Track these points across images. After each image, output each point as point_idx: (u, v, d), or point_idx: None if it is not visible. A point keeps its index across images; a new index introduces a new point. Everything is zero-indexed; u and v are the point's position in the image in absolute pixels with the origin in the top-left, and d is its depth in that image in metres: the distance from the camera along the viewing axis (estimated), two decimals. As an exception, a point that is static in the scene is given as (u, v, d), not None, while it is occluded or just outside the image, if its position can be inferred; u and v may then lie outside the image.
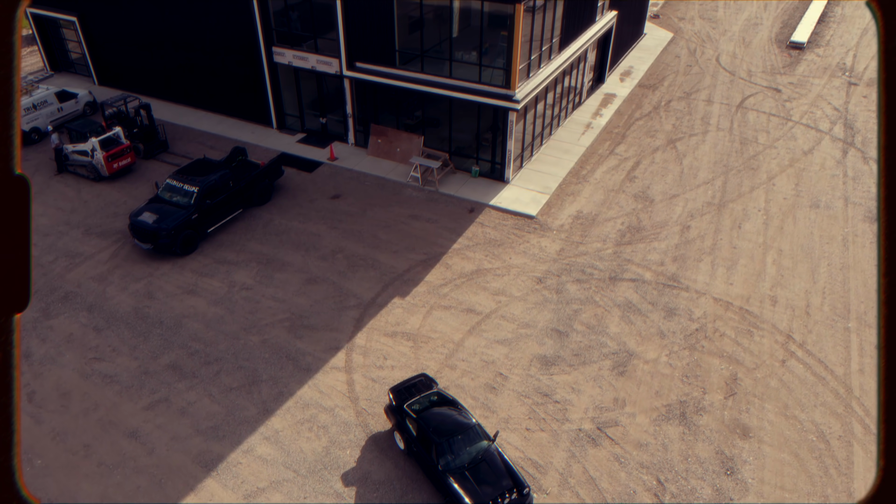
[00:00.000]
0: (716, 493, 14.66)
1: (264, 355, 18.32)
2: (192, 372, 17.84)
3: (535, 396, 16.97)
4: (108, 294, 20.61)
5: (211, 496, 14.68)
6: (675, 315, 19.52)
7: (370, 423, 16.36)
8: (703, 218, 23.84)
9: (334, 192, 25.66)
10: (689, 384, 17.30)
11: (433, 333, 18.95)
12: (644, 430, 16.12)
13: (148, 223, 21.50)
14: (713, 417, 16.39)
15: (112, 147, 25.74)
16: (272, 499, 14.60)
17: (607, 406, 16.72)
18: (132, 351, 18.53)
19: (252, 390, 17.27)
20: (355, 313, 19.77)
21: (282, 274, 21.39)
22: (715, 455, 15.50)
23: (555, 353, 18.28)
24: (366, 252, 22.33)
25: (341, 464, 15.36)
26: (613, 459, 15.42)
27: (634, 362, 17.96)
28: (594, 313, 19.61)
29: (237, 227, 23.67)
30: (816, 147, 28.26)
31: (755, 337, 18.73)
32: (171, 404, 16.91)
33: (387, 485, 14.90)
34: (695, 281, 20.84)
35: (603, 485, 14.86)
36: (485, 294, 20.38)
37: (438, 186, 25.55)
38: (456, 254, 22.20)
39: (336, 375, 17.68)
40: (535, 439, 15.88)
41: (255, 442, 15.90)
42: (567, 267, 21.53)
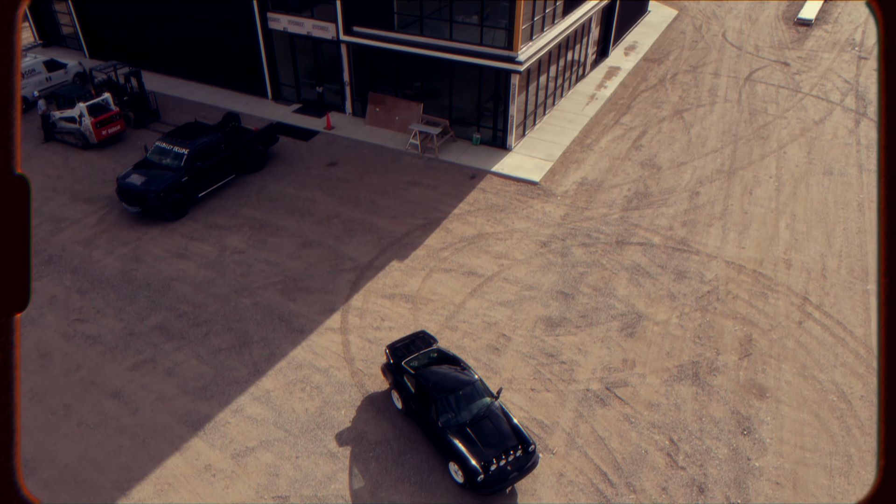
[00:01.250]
0: (732, 454, 13.82)
1: (256, 317, 17.48)
2: (180, 333, 16.99)
3: (539, 357, 16.13)
4: (94, 258, 19.76)
5: (197, 455, 13.83)
6: (685, 278, 18.69)
7: (366, 383, 15.51)
8: (713, 184, 23.01)
9: (330, 160, 24.82)
10: (702, 345, 16.46)
11: (433, 295, 18.11)
12: (655, 390, 15.28)
13: (136, 185, 20.65)
14: (727, 378, 15.55)
15: (101, 113, 24.89)
16: (262, 458, 13.75)
17: (616, 367, 15.88)
18: (117, 313, 17.68)
19: (242, 351, 16.42)
20: (351, 276, 18.93)
21: (275, 238, 20.55)
22: (730, 415, 14.66)
23: (560, 314, 17.44)
24: (363, 217, 21.50)
25: (335, 424, 14.51)
26: (623, 419, 14.58)
27: (644, 324, 17.12)
28: (601, 276, 18.78)
29: (229, 194, 22.83)
30: (828, 117, 27.43)
31: (770, 299, 17.89)
32: (157, 365, 16.06)
33: (383, 444, 14.06)
34: (705, 245, 20.01)
35: (612, 445, 14.02)
36: (486, 257, 19.54)
37: (438, 154, 24.71)
38: (456, 218, 21.36)
39: (331, 336, 16.84)
40: (540, 399, 15.04)
41: (245, 402, 15.05)
42: (572, 231, 20.69)
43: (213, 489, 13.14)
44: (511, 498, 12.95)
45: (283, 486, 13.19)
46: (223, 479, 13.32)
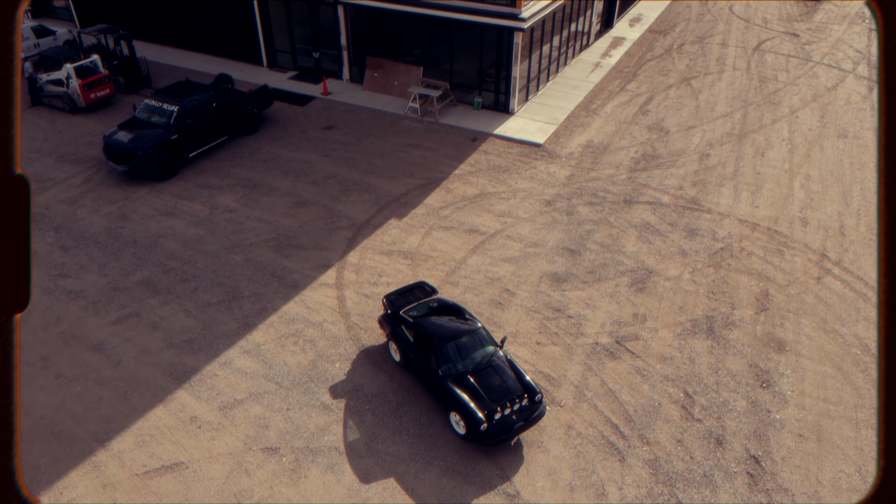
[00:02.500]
0: (751, 406, 12.98)
1: (247, 273, 16.63)
2: (167, 288, 16.15)
3: (545, 311, 15.30)
4: (79, 216, 18.91)
5: (182, 407, 12.98)
6: (696, 235, 17.85)
7: (362, 337, 14.68)
8: (723, 147, 22.18)
9: (327, 124, 23.98)
10: (716, 300, 15.62)
11: (433, 252, 17.27)
12: (668, 343, 14.45)
13: (123, 142, 19.80)
14: (744, 332, 14.72)
15: (89, 76, 24.03)
16: (251, 410, 12.91)
17: (626, 321, 15.05)
18: (101, 269, 16.83)
19: (232, 306, 15.58)
20: (348, 233, 18.09)
21: (269, 198, 19.71)
22: (748, 368, 13.83)
23: (566, 270, 16.60)
24: (360, 177, 20.66)
25: (329, 377, 13.67)
26: (635, 372, 13.75)
27: (654, 279, 16.29)
28: (608, 233, 17.94)
29: (221, 155, 21.99)
30: (840, 84, 26.60)
31: (786, 256, 17.06)
32: (142, 319, 15.22)
33: (380, 397, 13.22)
34: (717, 204, 19.18)
35: (624, 397, 13.18)
36: (489, 216, 18.71)
37: (438, 117, 23.87)
38: (457, 179, 20.52)
39: (325, 291, 16.00)
40: (546, 353, 14.20)
41: (234, 355, 14.21)
42: (578, 191, 19.86)
43: (199, 441, 12.30)
44: (516, 450, 12.11)
45: (273, 438, 12.35)
46: (209, 431, 12.48)
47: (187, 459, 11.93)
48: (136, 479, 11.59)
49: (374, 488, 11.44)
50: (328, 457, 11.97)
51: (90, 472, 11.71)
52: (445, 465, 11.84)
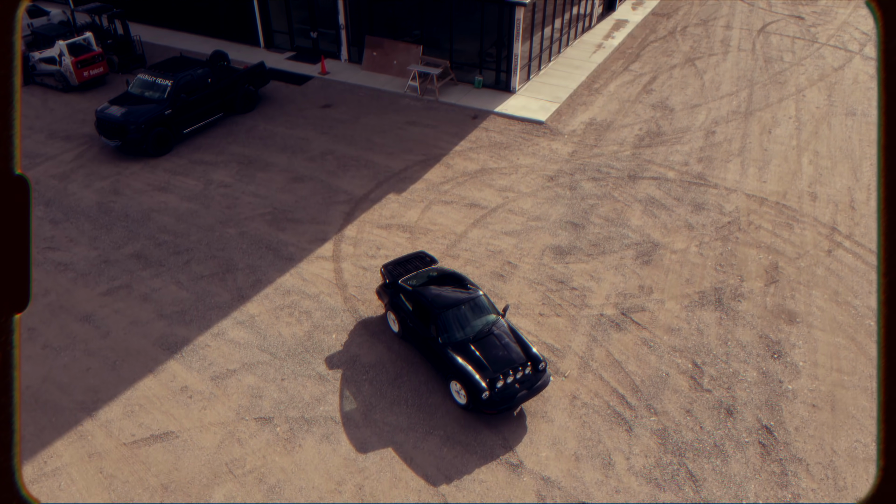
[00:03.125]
0: (762, 376, 12.53)
1: (241, 246, 16.18)
2: (159, 261, 15.69)
3: (548, 283, 14.84)
4: (70, 190, 18.44)
5: (173, 377, 12.53)
6: (703, 209, 17.40)
7: (360, 308, 14.22)
8: (729, 124, 21.72)
9: (325, 103, 23.52)
10: (724, 272, 15.17)
11: (432, 226, 16.82)
12: (675, 315, 14.00)
13: (115, 116, 19.34)
14: (753, 304, 14.27)
15: (82, 53, 23.56)
16: (244, 380, 12.46)
17: (632, 293, 14.59)
18: (92, 241, 16.37)
19: (226, 278, 15.12)
20: (345, 208, 17.64)
21: (264, 173, 19.25)
22: (758, 339, 13.38)
23: (570, 243, 16.15)
24: (358, 154, 20.20)
25: (325, 347, 13.22)
26: (641, 343, 13.30)
27: (660, 252, 15.84)
28: (613, 208, 17.49)
29: (217, 132, 21.53)
30: (847, 64, 26.14)
31: (795, 229, 16.60)
32: (133, 290, 14.77)
33: (378, 367, 12.76)
34: (724, 179, 18.72)
35: (630, 368, 12.73)
36: (490, 190, 18.25)
37: (438, 96, 23.41)
38: (457, 155, 20.07)
39: (322, 264, 15.54)
40: (550, 324, 13.75)
41: (227, 326, 13.75)
42: (581, 166, 19.41)
43: (189, 410, 11.84)
44: (519, 420, 11.66)
45: (267, 408, 11.90)
46: (200, 401, 12.02)
47: (177, 429, 11.48)
48: (124, 448, 11.14)
49: (371, 458, 10.99)
50: (324, 427, 11.53)
51: (76, 441, 11.25)
52: (445, 435, 11.39)
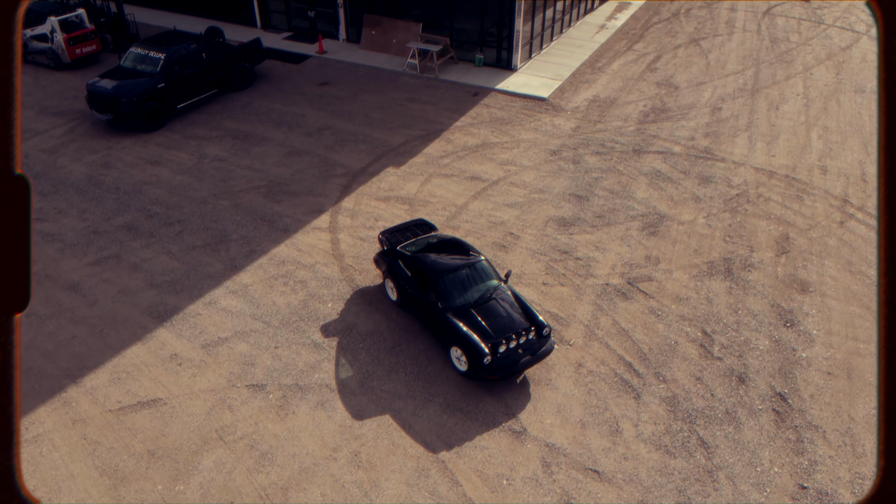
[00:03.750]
0: (775, 345, 12.05)
1: (235, 217, 15.70)
2: (150, 232, 15.21)
3: (552, 254, 14.37)
4: (59, 164, 17.96)
5: (162, 345, 12.04)
6: (710, 182, 16.92)
7: (357, 278, 13.74)
8: (736, 101, 21.25)
9: (322, 80, 23.05)
10: (733, 243, 14.69)
11: (432, 198, 16.34)
12: (683, 285, 13.51)
13: (106, 89, 18.85)
14: (764, 274, 13.79)
15: (74, 30, 23.08)
16: (236, 349, 11.97)
17: (638, 263, 14.12)
18: (81, 213, 15.89)
19: (219, 248, 14.64)
20: (342, 181, 17.16)
21: (260, 148, 18.76)
22: (770, 308, 12.90)
23: (574, 214, 15.67)
24: (356, 129, 19.72)
25: (321, 316, 12.73)
26: (649, 312, 12.82)
27: (667, 223, 15.36)
28: (617, 180, 17.01)
29: (212, 108, 21.05)
30: (855, 44, 25.67)
31: (806, 201, 16.13)
32: (122, 260, 14.28)
33: (375, 336, 12.28)
34: (731, 153, 18.24)
35: (637, 336, 12.25)
36: (491, 164, 17.77)
37: (438, 73, 22.93)
38: (458, 130, 19.59)
39: (318, 235, 15.07)
40: (554, 294, 13.27)
41: (219, 295, 13.27)
42: (584, 141, 18.93)
43: (179, 377, 11.35)
44: (522, 388, 11.18)
45: (260, 375, 11.41)
46: (190, 368, 11.54)
47: (166, 396, 11.00)
48: (110, 414, 10.65)
49: (367, 425, 10.51)
50: (318, 394, 11.04)
51: (59, 407, 10.76)
52: (445, 403, 10.90)
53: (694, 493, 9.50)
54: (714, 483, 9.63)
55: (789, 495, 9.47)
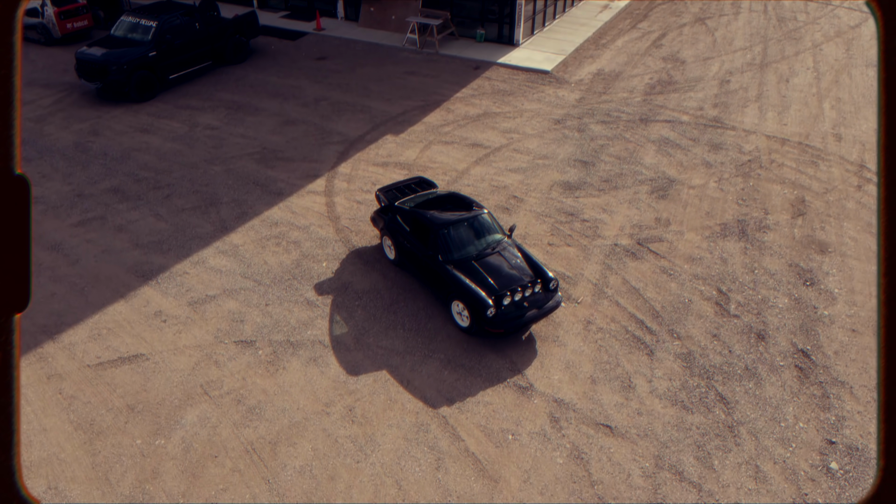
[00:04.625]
0: (794, 303, 11.39)
1: (227, 182, 15.06)
2: (137, 195, 14.57)
3: (557, 216, 13.73)
4: (46, 132, 17.32)
5: (146, 303, 11.37)
6: (721, 149, 16.31)
7: (353, 239, 13.09)
8: (744, 74, 20.67)
9: (320, 55, 22.47)
10: (747, 206, 14.06)
11: (432, 164, 15.71)
12: (696, 245, 12.87)
13: (96, 56, 18.26)
14: (780, 235, 13.15)
15: (65, 4, 22.52)
16: (225, 306, 11.30)
17: (648, 225, 13.47)
18: (66, 178, 15.25)
19: (209, 211, 13.99)
20: (339, 147, 16.54)
21: (254, 117, 18.15)
22: (788, 268, 12.25)
23: (580, 179, 15.05)
24: (354, 100, 19.12)
25: (315, 275, 12.08)
26: (660, 272, 12.16)
27: (677, 187, 14.73)
28: (624, 147, 16.39)
29: (205, 80, 20.45)
30: (864, 23, 25.13)
31: (821, 167, 15.51)
32: (107, 222, 13.63)
33: (372, 294, 11.62)
34: (741, 122, 17.64)
35: (649, 294, 11.59)
36: (493, 132, 17.16)
37: (438, 48, 22.36)
38: (459, 101, 18.99)
39: (313, 198, 14.43)
40: (560, 253, 12.62)
41: (208, 255, 12.61)
42: (589, 111, 18.33)
43: (163, 334, 10.68)
44: (528, 344, 10.51)
45: (249, 332, 10.74)
46: (175, 325, 10.86)
47: (148, 352, 10.32)
48: (88, 370, 9.97)
49: (363, 380, 9.83)
50: (311, 350, 10.37)
51: (35, 363, 10.08)
52: (446, 359, 10.23)
53: (714, 448, 8.82)
54: (735, 438, 8.96)
55: (817, 450, 8.79)
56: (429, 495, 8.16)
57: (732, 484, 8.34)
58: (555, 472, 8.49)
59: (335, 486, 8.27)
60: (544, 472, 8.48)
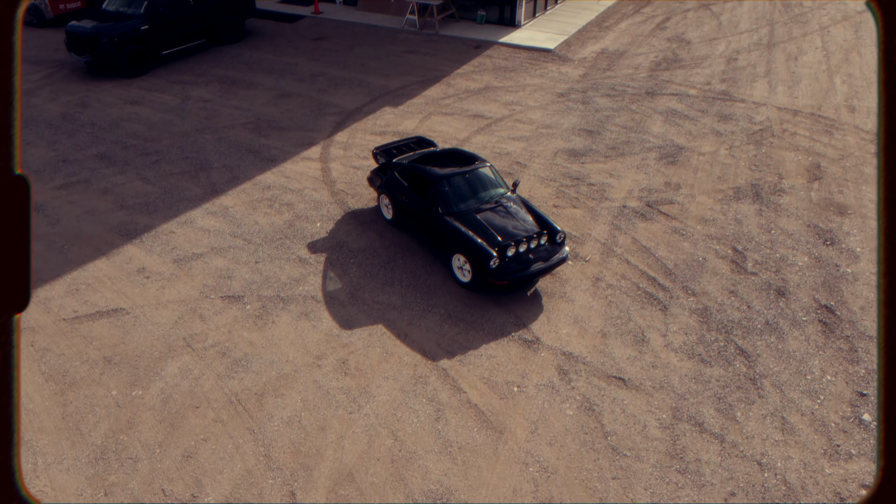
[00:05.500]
0: (815, 261, 10.77)
1: (219, 149, 14.49)
2: (125, 161, 13.98)
3: (562, 180, 13.14)
4: (33, 103, 16.78)
5: (129, 259, 10.75)
6: (731, 119, 15.76)
7: (348, 201, 12.50)
8: (752, 53, 20.18)
9: (317, 36, 22.00)
10: (760, 171, 13.48)
11: (433, 133, 15.14)
12: (708, 208, 12.27)
13: (86, 28, 17.75)
14: (797, 198, 12.55)
15: (59, -16, 22.08)
16: (212, 263, 10.67)
17: (657, 188, 12.88)
18: (51, 145, 14.67)
19: (198, 175, 13.40)
20: (336, 118, 15.99)
21: (249, 91, 17.62)
22: (806, 228, 11.64)
23: (585, 146, 14.48)
24: (352, 76, 18.60)
25: (308, 235, 11.46)
26: (671, 232, 11.55)
27: (686, 154, 14.16)
28: (631, 117, 15.85)
29: (199, 58, 19.95)
30: (870, 8, 24.69)
31: (835, 136, 14.95)
32: (92, 185, 13.04)
33: (368, 252, 11.00)
34: (750, 95, 17.11)
35: (661, 253, 10.97)
36: (495, 104, 16.62)
37: (438, 29, 21.90)
38: (459, 76, 18.48)
39: (308, 164, 13.85)
40: (566, 215, 12.01)
41: (197, 215, 12.00)
42: (594, 85, 17.81)
43: (145, 290, 10.04)
44: (533, 300, 9.87)
45: (237, 287, 10.10)
46: (159, 281, 10.23)
47: (129, 306, 9.68)
48: (64, 323, 9.32)
49: (357, 334, 9.19)
50: (302, 305, 9.73)
51: (6, 316, 9.41)
52: (447, 314, 9.59)
53: (735, 400, 8.16)
54: (758, 390, 8.29)
55: (847, 402, 8.13)
56: (428, 446, 7.49)
57: (758, 435, 7.67)
58: (564, 423, 7.82)
59: (326, 436, 7.60)
60: (553, 423, 7.82)
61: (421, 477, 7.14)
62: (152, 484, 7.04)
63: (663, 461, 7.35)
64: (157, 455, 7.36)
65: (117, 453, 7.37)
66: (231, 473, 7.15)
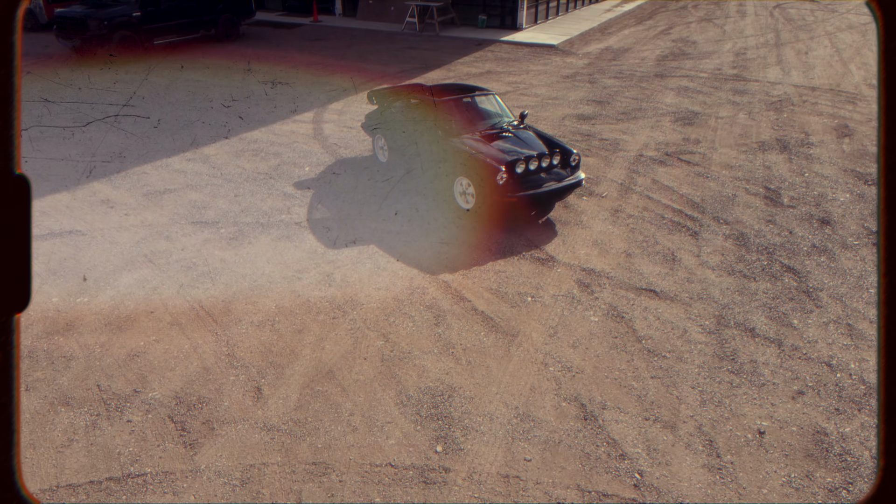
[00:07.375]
0: (857, 198, 9.68)
1: (206, 114, 13.61)
2: (103, 119, 13.06)
3: (572, 136, 12.19)
4: (15, 82, 15.99)
5: (93, 193, 9.64)
6: (747, 93, 14.98)
7: (341, 152, 11.50)
8: (760, 49, 19.66)
9: (316, 38, 21.57)
10: (785, 130, 12.56)
11: (432, 103, 14.27)
12: (732, 157, 11.27)
13: (76, 12, 17.22)
14: (828, 150, 11.57)
15: (55, -13, 21.80)
16: (186, 196, 9.56)
17: (675, 142, 11.92)
18: (27, 112, 13.77)
19: (181, 132, 12.46)
20: (331, 94, 15.20)
21: (242, 74, 16.91)
22: (842, 172, 10.60)
23: (594, 112, 13.62)
24: (349, 64, 17.98)
25: (296, 176, 10.41)
26: (695, 175, 10.51)
27: (703, 118, 13.28)
28: (641, 92, 15.07)
29: (194, 50, 19.38)
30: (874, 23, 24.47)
31: (859, 105, 14.12)
32: (66, 139, 12.05)
33: (360, 189, 9.92)
34: (764, 77, 16.41)
35: (685, 190, 9.89)
36: (498, 83, 15.88)
37: (439, 31, 21.49)
38: (460, 64, 17.86)
39: (299, 125, 12.95)
40: (577, 162, 10.97)
41: (174, 161, 10.97)
42: (600, 70, 17.15)
43: (107, 216, 8.90)
44: (545, 226, 8.72)
45: (211, 216, 8.97)
46: (124, 209, 9.10)
47: (86, 229, 8.52)
48: (8, 242, 8.11)
49: (345, 252, 8.00)
50: (284, 229, 8.58)
51: (-56, 236, 8.24)
52: (448, 237, 8.44)
53: (790, 309, 6.91)
54: (815, 301, 7.05)
55: (922, 311, 6.86)
56: (425, 348, 6.20)
57: (822, 340, 6.40)
58: (589, 328, 6.55)
59: (302, 338, 6.32)
60: (575, 328, 6.55)
61: (417, 375, 5.83)
62: (86, 380, 5.73)
63: (711, 362, 6.06)
64: (97, 354, 6.07)
65: (48, 353, 6.08)
66: (184, 370, 5.85)
